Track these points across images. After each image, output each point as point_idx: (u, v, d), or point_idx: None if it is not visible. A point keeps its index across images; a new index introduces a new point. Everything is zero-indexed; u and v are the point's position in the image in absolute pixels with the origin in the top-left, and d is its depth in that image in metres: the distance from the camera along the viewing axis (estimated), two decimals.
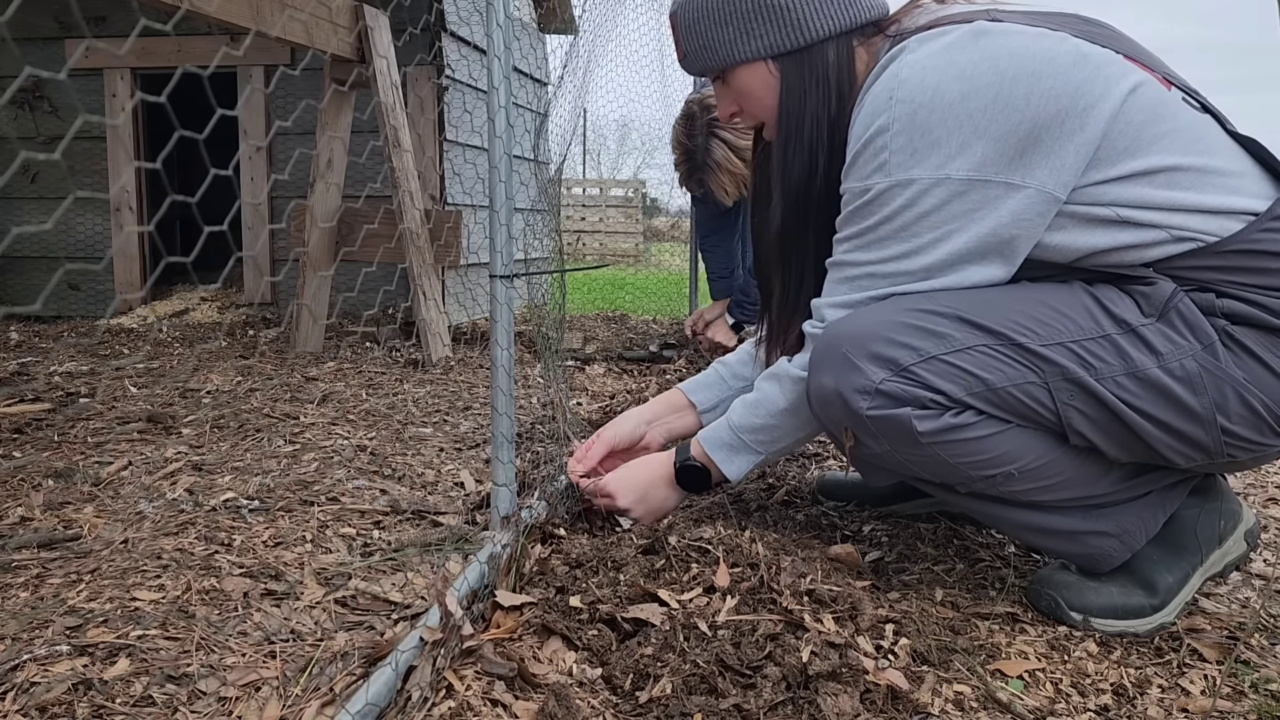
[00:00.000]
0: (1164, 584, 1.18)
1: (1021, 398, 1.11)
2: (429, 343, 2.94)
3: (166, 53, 3.67)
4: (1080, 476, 1.16)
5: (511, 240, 1.30)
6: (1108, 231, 1.11)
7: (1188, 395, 1.07)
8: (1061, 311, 1.12)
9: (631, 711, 0.97)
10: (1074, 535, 1.20)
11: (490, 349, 1.30)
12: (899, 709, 0.97)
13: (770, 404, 1.30)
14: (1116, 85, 1.09)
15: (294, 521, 1.50)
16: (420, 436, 2.05)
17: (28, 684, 0.99)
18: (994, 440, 1.13)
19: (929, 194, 1.11)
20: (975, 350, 1.11)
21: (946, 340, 1.12)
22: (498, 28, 1.25)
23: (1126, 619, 1.17)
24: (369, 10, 2.84)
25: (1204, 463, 1.14)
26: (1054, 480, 1.16)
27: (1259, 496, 1.67)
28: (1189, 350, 1.08)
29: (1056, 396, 1.10)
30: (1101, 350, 1.09)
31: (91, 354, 3.03)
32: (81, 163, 3.95)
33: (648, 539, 1.31)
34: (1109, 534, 1.19)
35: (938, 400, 1.12)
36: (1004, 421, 1.13)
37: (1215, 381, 1.07)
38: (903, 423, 1.12)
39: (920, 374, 1.11)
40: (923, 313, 1.13)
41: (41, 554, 1.35)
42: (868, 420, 1.14)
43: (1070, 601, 1.19)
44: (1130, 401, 1.08)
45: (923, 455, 1.15)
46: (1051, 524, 1.20)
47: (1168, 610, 1.17)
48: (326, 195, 3.02)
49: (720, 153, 2.68)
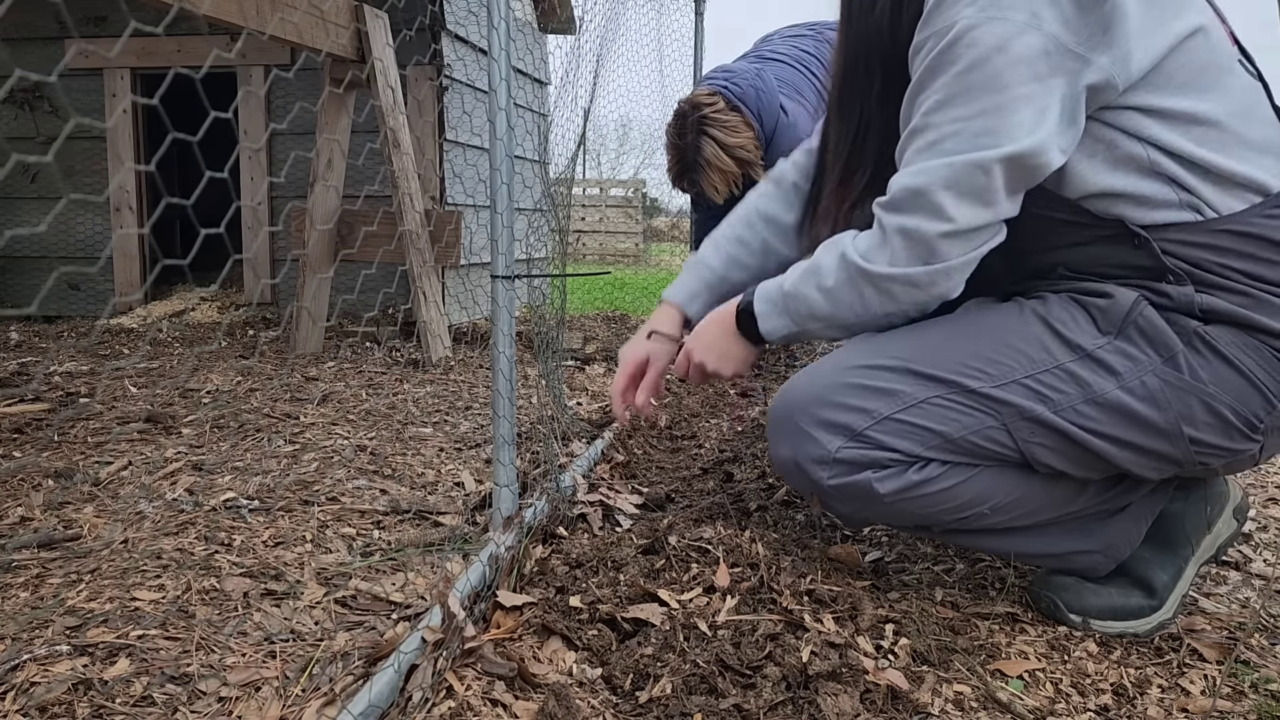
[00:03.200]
0: (1160, 582, 1.18)
1: (982, 443, 1.09)
2: (429, 343, 2.94)
3: (166, 53, 3.67)
4: (1054, 500, 1.15)
5: (514, 241, 1.30)
6: (1128, 176, 1.04)
7: (1151, 412, 1.05)
8: (1013, 346, 1.09)
9: (631, 711, 0.97)
10: (1059, 556, 1.21)
11: (491, 351, 1.31)
12: (899, 709, 0.97)
13: (819, 278, 1.15)
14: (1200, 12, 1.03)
15: (294, 521, 1.50)
16: (420, 436, 2.05)
17: (28, 684, 0.99)
18: (962, 487, 1.12)
19: (1022, 37, 0.98)
20: (928, 404, 1.10)
21: (898, 397, 1.10)
22: (500, 21, 1.25)
23: (1126, 620, 1.17)
24: (368, 10, 2.84)
25: (1176, 473, 1.12)
26: (1029, 509, 1.15)
27: (1259, 497, 1.67)
28: (1149, 366, 1.05)
29: (1016, 436, 1.08)
30: (1057, 381, 1.07)
31: (91, 354, 3.03)
32: (81, 163, 3.95)
33: (648, 539, 1.31)
34: (1094, 551, 1.19)
35: (896, 459, 1.11)
36: (970, 467, 1.12)
37: (1178, 394, 1.04)
38: (864, 487, 1.12)
39: (875, 437, 1.10)
40: (870, 369, 1.13)
41: (41, 554, 1.35)
42: (829, 489, 1.14)
43: (1069, 604, 1.18)
44: (1092, 428, 1.06)
45: (891, 511, 1.15)
46: (1035, 548, 1.20)
47: (1166, 608, 1.17)
48: (326, 196, 3.02)
49: (710, 150, 2.68)
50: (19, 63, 3.84)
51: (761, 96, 2.72)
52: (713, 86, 2.74)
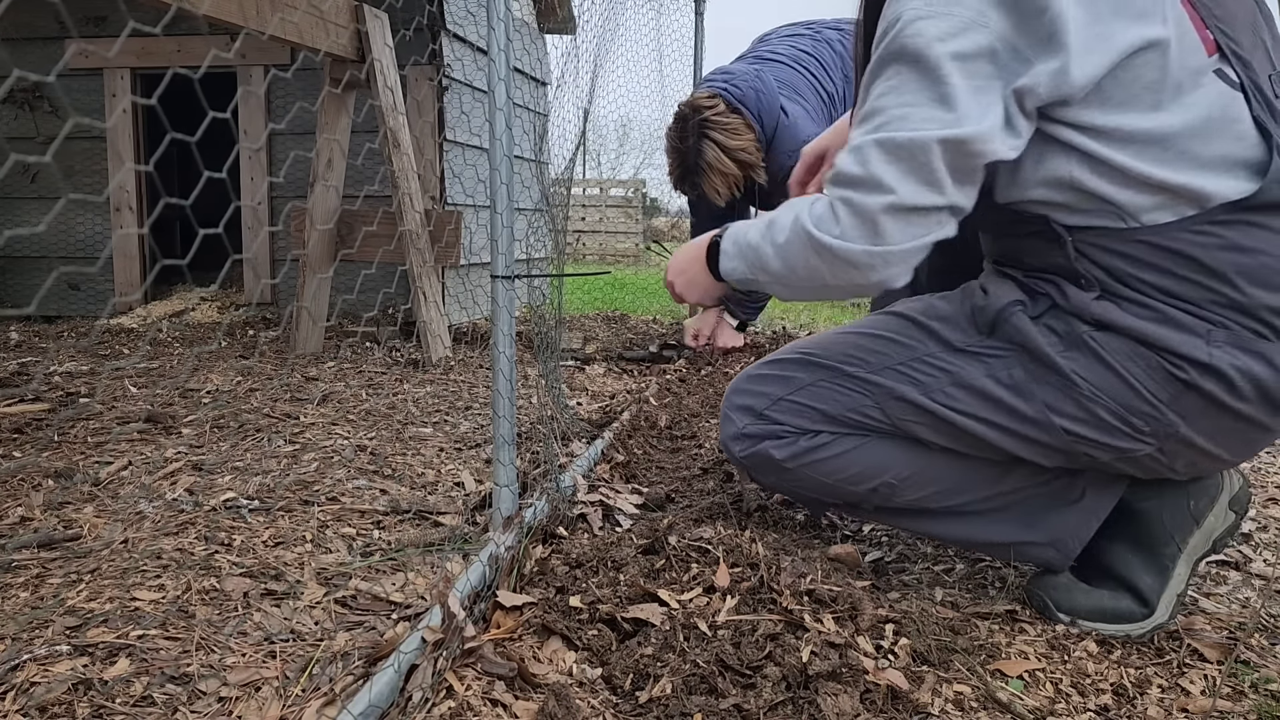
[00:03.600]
0: (1145, 585, 1.17)
1: (858, 418, 1.24)
2: (429, 343, 2.94)
3: (166, 53, 3.67)
4: (971, 479, 1.23)
5: (514, 241, 1.30)
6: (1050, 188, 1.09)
7: (1015, 400, 1.13)
8: (895, 340, 1.22)
9: (631, 711, 0.97)
10: (1005, 546, 1.25)
11: (492, 351, 1.31)
12: (899, 709, 0.97)
13: (773, 234, 1.20)
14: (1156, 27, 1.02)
15: (294, 521, 1.50)
16: (420, 436, 2.05)
17: (28, 684, 0.99)
18: (852, 455, 1.25)
19: (967, 34, 1.01)
20: (814, 386, 1.27)
21: (790, 382, 1.28)
22: (499, 21, 1.25)
23: (1117, 622, 1.18)
24: (368, 10, 2.84)
25: (1067, 459, 1.16)
26: (945, 486, 1.24)
27: (1259, 497, 1.67)
28: (1016, 360, 1.14)
29: (889, 413, 1.21)
30: (927, 368, 1.19)
31: (91, 354, 3.04)
32: (81, 163, 3.95)
33: (648, 539, 1.31)
34: (1041, 544, 1.23)
35: (788, 431, 1.28)
36: (856, 437, 1.25)
37: (1045, 388, 1.12)
38: (765, 455, 1.29)
39: (772, 415, 1.29)
40: (777, 362, 1.32)
41: (41, 554, 1.35)
42: (742, 460, 1.33)
43: (1059, 603, 1.21)
44: (960, 409, 1.16)
45: (797, 479, 1.30)
46: (982, 535, 1.26)
47: (1160, 610, 1.16)
48: (326, 196, 3.02)
49: (712, 153, 2.68)
50: (19, 63, 3.84)
51: (762, 98, 2.72)
52: (713, 89, 2.74)
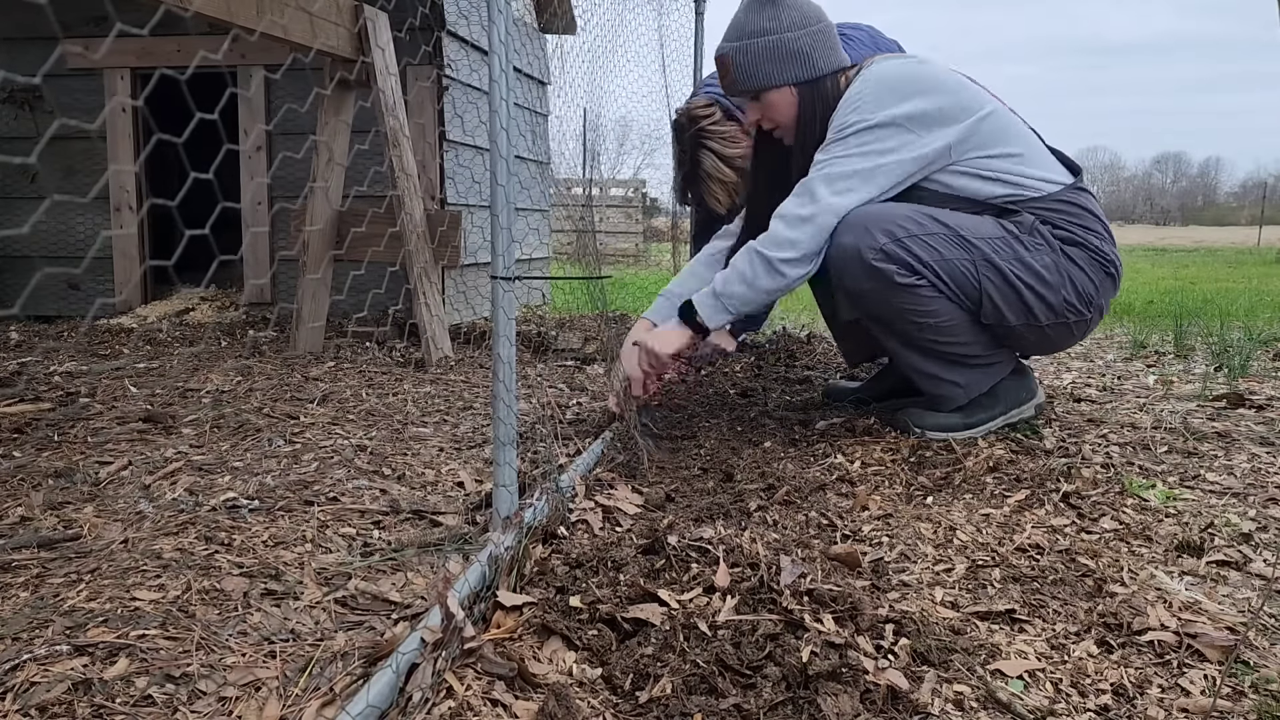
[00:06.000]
0: (976, 419, 2.02)
1: (959, 269, 1.87)
2: (428, 342, 2.94)
3: (166, 53, 3.67)
4: (965, 335, 1.94)
5: (513, 243, 1.30)
6: (987, 184, 1.93)
7: (1047, 273, 1.89)
8: (987, 227, 1.91)
9: (631, 711, 0.97)
10: (937, 379, 2.00)
11: (492, 352, 1.31)
12: (899, 709, 0.97)
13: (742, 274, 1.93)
14: (986, 105, 1.94)
15: (294, 521, 1.50)
16: (420, 436, 2.05)
17: (28, 684, 0.99)
18: (933, 301, 1.89)
19: (884, 128, 1.88)
20: (939, 235, 1.87)
21: (925, 227, 1.87)
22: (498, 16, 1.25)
23: (948, 431, 2.00)
24: (368, 9, 2.84)
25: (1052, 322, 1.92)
26: (948, 337, 1.93)
27: (1259, 496, 1.67)
28: (1046, 250, 1.90)
29: (979, 271, 1.88)
30: (1002, 245, 1.88)
31: (91, 354, 3.04)
32: (81, 163, 3.95)
33: (648, 539, 1.31)
34: (958, 384, 1.99)
35: (911, 263, 1.86)
36: (941, 290, 1.89)
37: (1060, 268, 1.90)
38: (889, 275, 1.87)
39: (906, 243, 1.86)
40: (911, 215, 1.88)
41: (41, 554, 1.35)
42: (873, 263, 1.86)
43: (916, 421, 2.02)
44: (1018, 274, 1.88)
45: (887, 301, 1.91)
46: (927, 368, 1.99)
47: (974, 430, 2.01)
48: (325, 196, 3.02)
49: (710, 163, 2.67)
50: (19, 63, 3.84)
51: None
52: (709, 95, 2.72)
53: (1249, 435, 2.09)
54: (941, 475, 1.78)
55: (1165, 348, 3.50)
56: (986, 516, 1.57)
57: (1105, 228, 1.96)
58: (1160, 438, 2.07)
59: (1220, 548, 1.44)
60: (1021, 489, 1.69)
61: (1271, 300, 5.53)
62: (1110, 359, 3.29)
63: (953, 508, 1.61)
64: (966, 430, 1.99)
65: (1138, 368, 3.09)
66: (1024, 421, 2.07)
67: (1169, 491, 1.70)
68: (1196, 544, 1.43)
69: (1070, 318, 1.92)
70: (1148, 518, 1.57)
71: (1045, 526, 1.52)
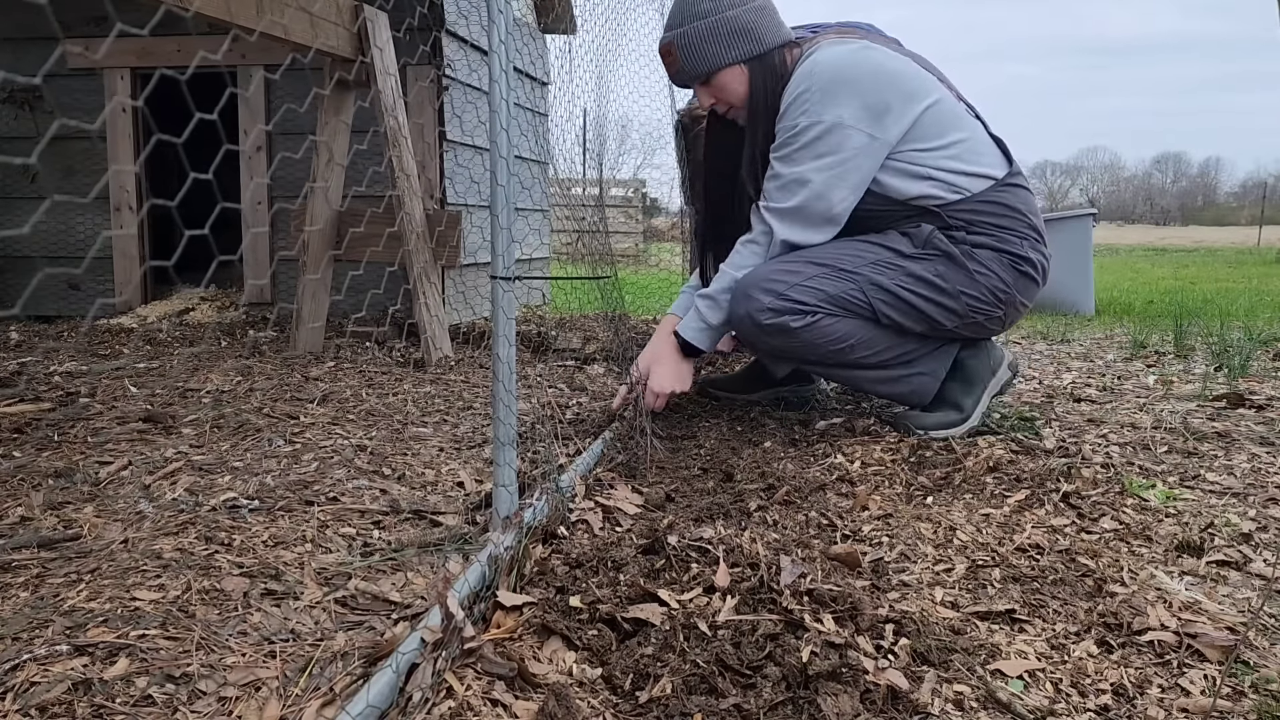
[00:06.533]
0: (966, 405, 2.06)
1: (847, 297, 1.95)
2: (428, 342, 2.94)
3: (166, 53, 3.67)
4: (891, 341, 2.02)
5: (513, 243, 1.30)
6: (915, 182, 1.98)
7: (940, 281, 1.96)
8: (867, 250, 1.99)
9: (631, 711, 0.97)
10: (902, 379, 2.08)
11: (492, 351, 1.31)
12: (899, 709, 0.97)
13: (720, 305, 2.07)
14: (931, 93, 1.97)
15: (294, 521, 1.50)
16: (420, 436, 2.05)
17: (28, 684, 0.99)
18: (837, 326, 1.97)
19: (830, 129, 1.92)
20: (819, 277, 1.95)
21: (802, 274, 1.96)
22: (498, 16, 1.25)
23: (949, 427, 2.03)
24: (368, 9, 2.84)
25: (960, 324, 2.00)
26: (878, 346, 2.01)
27: (1259, 496, 1.67)
28: (940, 259, 1.97)
29: (868, 294, 1.95)
30: (887, 265, 1.97)
31: (91, 354, 3.04)
32: (81, 163, 3.95)
33: (648, 539, 1.31)
34: (923, 373, 2.08)
35: (801, 308, 1.94)
36: (840, 315, 1.96)
37: (957, 274, 1.96)
38: (784, 324, 1.95)
39: (791, 295, 1.94)
40: (787, 263, 1.97)
41: (41, 554, 1.35)
42: (765, 326, 1.96)
43: (915, 423, 2.04)
44: (908, 287, 1.96)
45: (799, 341, 1.97)
46: (886, 376, 2.08)
47: (973, 418, 2.05)
48: (325, 195, 3.02)
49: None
50: (19, 63, 3.84)
51: None
52: None
53: (1249, 435, 2.09)
54: (941, 475, 1.78)
55: (1165, 348, 3.50)
56: (986, 516, 1.57)
57: (1028, 224, 2.00)
58: (1160, 438, 2.07)
59: (1220, 548, 1.44)
60: (1021, 489, 1.69)
61: (1271, 300, 5.53)
62: (1110, 359, 3.29)
63: (953, 508, 1.61)
64: (964, 420, 2.04)
65: (1138, 368, 3.09)
66: (1008, 384, 2.15)
67: (1169, 491, 1.70)
68: (1196, 544, 1.43)
69: (979, 316, 1.99)
70: (1148, 518, 1.57)
71: (1045, 526, 1.52)
